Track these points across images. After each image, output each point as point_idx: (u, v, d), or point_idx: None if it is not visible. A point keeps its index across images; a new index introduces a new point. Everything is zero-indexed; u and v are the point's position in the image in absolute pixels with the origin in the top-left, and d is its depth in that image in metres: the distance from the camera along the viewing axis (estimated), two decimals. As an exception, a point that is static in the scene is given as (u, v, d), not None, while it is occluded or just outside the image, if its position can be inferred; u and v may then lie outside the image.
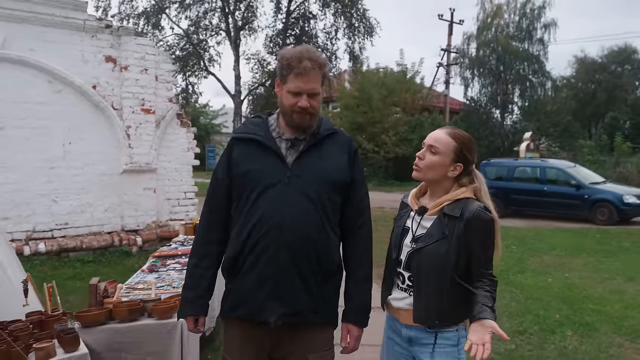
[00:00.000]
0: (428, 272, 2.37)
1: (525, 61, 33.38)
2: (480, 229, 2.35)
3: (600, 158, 26.07)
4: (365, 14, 22.99)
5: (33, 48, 8.37)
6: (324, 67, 2.41)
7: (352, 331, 2.56)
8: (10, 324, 3.13)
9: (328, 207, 2.45)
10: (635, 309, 6.49)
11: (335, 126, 2.61)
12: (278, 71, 2.44)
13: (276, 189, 2.37)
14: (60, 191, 8.69)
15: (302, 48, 2.42)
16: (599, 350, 5.15)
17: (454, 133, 2.49)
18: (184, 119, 10.25)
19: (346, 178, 2.51)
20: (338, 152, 2.52)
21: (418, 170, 2.50)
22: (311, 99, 2.37)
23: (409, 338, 2.47)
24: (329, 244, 2.45)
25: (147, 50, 9.51)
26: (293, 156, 2.43)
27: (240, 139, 2.50)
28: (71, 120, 8.77)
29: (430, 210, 2.47)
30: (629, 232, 12.85)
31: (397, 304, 2.49)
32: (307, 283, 2.39)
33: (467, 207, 2.39)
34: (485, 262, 2.37)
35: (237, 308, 2.42)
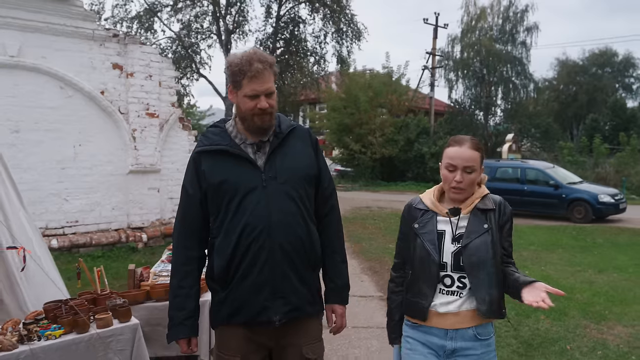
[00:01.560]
0: (480, 265, 2.41)
1: (508, 63, 33.96)
2: (510, 216, 2.52)
3: (580, 159, 26.88)
4: (353, 19, 23.57)
5: (45, 56, 8.87)
6: (274, 66, 2.45)
7: (337, 310, 2.69)
8: (69, 301, 3.71)
9: (306, 201, 2.53)
10: (601, 297, 7.19)
11: (292, 121, 2.67)
12: (230, 78, 2.45)
13: (256, 194, 2.41)
14: (70, 190, 9.22)
15: (249, 51, 2.44)
16: (567, 332, 5.81)
17: (475, 145, 2.51)
18: (186, 123, 10.82)
19: (315, 170, 2.59)
20: (302, 146, 2.59)
21: (461, 192, 2.50)
22: (268, 98, 2.41)
23: (453, 350, 2.47)
24: (312, 237, 2.53)
25: (151, 58, 10.06)
26: (262, 159, 2.47)
27: (205, 151, 2.51)
28: (81, 123, 9.29)
29: (464, 210, 2.50)
30: (603, 230, 13.58)
31: (445, 308, 2.47)
32: (302, 278, 2.48)
33: (494, 200, 2.54)
34: (509, 251, 2.52)
35: (237, 314, 2.46)
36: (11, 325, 3.34)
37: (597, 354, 5.16)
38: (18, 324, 3.36)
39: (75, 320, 3.34)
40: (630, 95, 50.47)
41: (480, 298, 2.41)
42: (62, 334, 3.27)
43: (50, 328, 3.29)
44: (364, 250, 10.41)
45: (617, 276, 8.49)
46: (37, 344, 3.15)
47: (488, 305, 2.40)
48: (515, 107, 33.89)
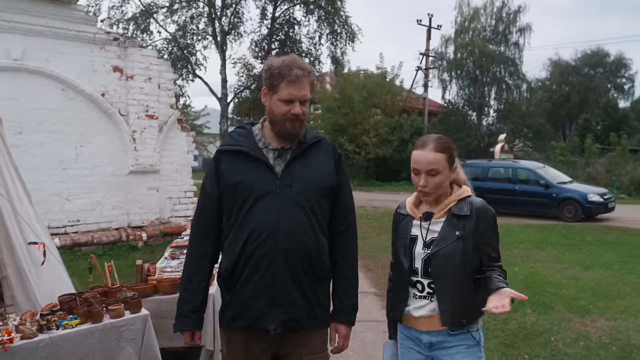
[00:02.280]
0: (448, 273, 2.39)
1: (502, 64, 34.28)
2: (490, 222, 2.44)
3: (572, 159, 27.15)
4: (347, 21, 23.91)
5: (48, 59, 9.09)
6: (310, 74, 2.48)
7: (340, 330, 2.65)
8: (81, 293, 3.96)
9: (318, 214, 2.50)
10: (587, 292, 7.47)
11: (318, 134, 2.67)
12: (267, 81, 2.46)
13: (268, 199, 2.41)
14: (72, 190, 9.44)
15: (290, 57, 2.46)
16: (552, 325, 6.08)
17: (438, 146, 2.46)
18: (184, 124, 11.06)
19: (334, 184, 2.57)
20: (324, 159, 2.58)
21: (428, 195, 2.50)
22: (302, 105, 2.43)
23: (430, 343, 2.48)
24: (321, 250, 2.51)
25: (150, 61, 10.29)
26: (281, 165, 2.47)
27: (227, 151, 2.54)
28: (82, 125, 9.51)
29: (437, 214, 2.49)
30: (591, 228, 13.87)
31: (418, 312, 2.50)
32: (303, 290, 2.45)
33: (473, 204, 2.46)
34: (494, 256, 2.45)
35: (237, 319, 2.49)
36: (29, 317, 3.58)
37: (579, 345, 5.43)
38: (35, 315, 3.61)
39: (90, 311, 3.59)
40: (622, 96, 50.89)
41: (443, 308, 2.41)
42: (78, 323, 3.52)
43: (67, 318, 3.54)
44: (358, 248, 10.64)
45: (602, 273, 8.77)
46: (56, 332, 3.40)
47: (449, 316, 2.40)
48: (508, 108, 34.19)
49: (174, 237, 9.74)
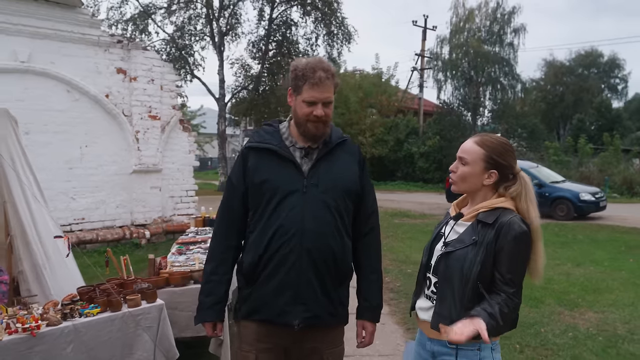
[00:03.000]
0: (451, 277, 2.29)
1: (496, 64, 34.41)
2: (511, 240, 2.19)
3: (565, 158, 27.42)
4: (343, 22, 24.08)
5: (54, 61, 9.35)
6: (335, 77, 2.48)
7: (367, 327, 2.69)
8: (100, 285, 4.22)
9: (344, 214, 2.53)
10: (576, 287, 7.75)
11: (343, 134, 2.69)
12: (292, 82, 2.48)
13: (294, 198, 2.43)
14: (77, 189, 9.68)
15: (315, 59, 2.47)
16: (542, 317, 6.36)
17: (481, 140, 2.39)
18: (185, 125, 11.33)
19: (357, 186, 2.59)
20: (349, 160, 2.60)
21: (454, 183, 2.46)
22: (325, 107, 2.44)
23: (432, 352, 2.41)
24: (345, 250, 2.53)
25: (153, 63, 10.56)
26: (308, 165, 2.50)
27: (254, 147, 2.55)
28: (87, 125, 9.77)
29: (465, 216, 2.40)
30: (583, 227, 14.18)
31: (422, 315, 2.44)
32: (326, 288, 2.48)
33: (502, 216, 2.26)
34: (509, 279, 2.20)
35: (257, 312, 2.50)
36: (51, 306, 3.84)
37: (568, 335, 5.72)
38: (57, 305, 3.86)
39: (109, 301, 3.86)
40: (616, 96, 51.20)
41: (438, 310, 2.32)
42: (98, 312, 3.78)
43: (89, 307, 3.80)
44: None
45: (593, 269, 9.05)
46: (79, 320, 3.66)
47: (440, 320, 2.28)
48: (503, 108, 34.40)
49: (176, 235, 10.02)
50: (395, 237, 12.25)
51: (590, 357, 5.12)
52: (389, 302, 7.00)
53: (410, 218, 16.49)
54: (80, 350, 3.61)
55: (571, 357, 5.12)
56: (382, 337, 5.58)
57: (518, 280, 2.24)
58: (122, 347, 3.85)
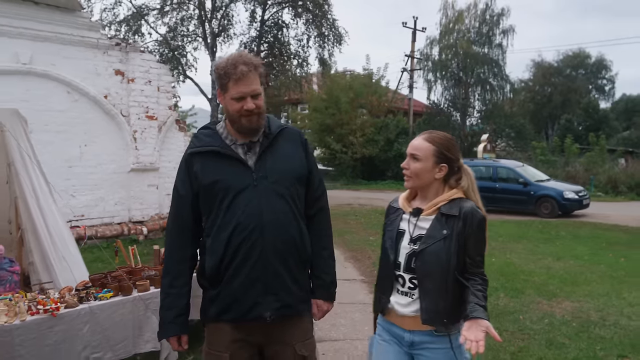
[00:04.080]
0: (433, 272, 2.40)
1: (485, 65, 34.91)
2: (476, 226, 2.40)
3: (552, 158, 27.92)
4: (334, 24, 24.33)
5: (54, 63, 9.65)
6: (259, 68, 2.46)
7: (321, 306, 2.73)
8: (111, 272, 4.57)
9: (297, 200, 2.55)
10: (556, 279, 8.16)
11: (282, 122, 2.69)
12: (217, 82, 2.48)
13: (247, 193, 2.43)
14: (77, 187, 9.99)
15: (235, 54, 2.47)
16: (522, 306, 6.76)
17: (430, 137, 2.53)
18: (181, 124, 11.67)
19: (305, 170, 2.62)
20: (293, 147, 2.62)
21: (407, 179, 2.56)
22: (255, 99, 2.43)
23: (412, 342, 2.50)
24: (304, 236, 2.56)
25: (150, 65, 10.90)
26: (253, 159, 2.50)
27: (197, 152, 2.53)
28: (86, 125, 10.08)
29: (426, 211, 2.50)
30: (566, 224, 14.63)
31: (403, 310, 2.50)
32: (293, 276, 2.50)
33: (462, 206, 2.44)
34: (479, 261, 2.42)
35: (227, 311, 2.47)
36: (67, 291, 4.19)
37: (544, 322, 6.12)
38: (71, 290, 4.21)
39: (121, 286, 4.22)
40: (603, 97, 51.89)
41: (424, 306, 2.42)
42: (111, 296, 4.14)
43: (102, 291, 4.16)
44: (346, 242, 11.34)
45: (573, 263, 9.47)
46: (94, 303, 4.03)
47: (431, 314, 2.41)
48: (491, 108, 34.84)
49: (172, 232, 10.35)
50: (385, 234, 12.61)
51: (563, 340, 5.53)
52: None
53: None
54: (95, 330, 3.98)
55: (546, 340, 5.52)
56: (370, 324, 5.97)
57: (484, 258, 2.46)
58: (133, 328, 4.22)
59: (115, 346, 4.11)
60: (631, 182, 23.86)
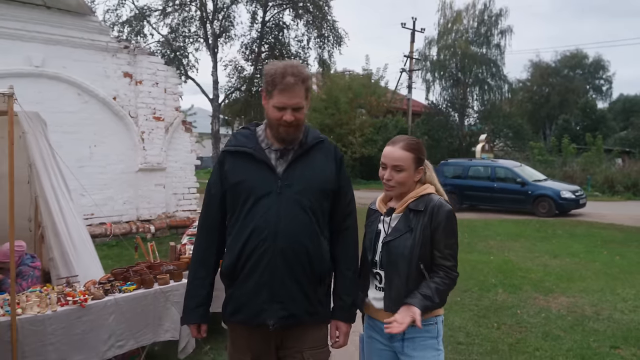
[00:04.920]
0: (396, 262, 2.52)
1: (484, 65, 34.99)
2: (443, 218, 2.50)
3: (549, 158, 28.14)
4: (334, 25, 24.69)
5: (65, 66, 9.92)
6: (307, 81, 2.47)
7: (341, 328, 2.65)
8: (132, 267, 4.84)
9: (319, 214, 2.52)
10: (552, 276, 8.45)
11: (321, 135, 2.68)
12: (264, 86, 2.50)
13: (269, 199, 2.44)
14: (87, 187, 10.22)
15: (286, 64, 2.46)
16: (519, 301, 7.05)
17: (407, 146, 2.61)
18: (188, 125, 11.94)
19: (334, 185, 2.58)
20: (325, 161, 2.60)
21: (391, 189, 2.64)
22: (295, 112, 2.42)
23: (391, 336, 2.56)
24: (321, 249, 2.52)
25: (158, 67, 11.19)
26: (283, 166, 2.49)
27: (230, 151, 2.56)
28: (96, 126, 10.35)
29: (397, 210, 2.62)
30: (563, 222, 14.93)
31: (378, 304, 2.61)
32: (302, 287, 2.47)
33: (430, 201, 2.55)
34: (447, 254, 2.50)
35: (237, 313, 2.52)
36: (91, 284, 4.46)
37: (541, 316, 6.40)
38: (95, 284, 4.49)
39: (143, 279, 4.49)
40: (600, 97, 52.17)
41: (387, 294, 2.55)
42: (134, 288, 4.41)
43: (126, 284, 4.43)
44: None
45: (569, 260, 9.75)
46: (118, 295, 4.30)
47: (392, 301, 2.52)
48: (489, 108, 34.99)
49: (179, 230, 10.67)
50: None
51: (559, 333, 5.81)
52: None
53: (399, 215, 17.17)
54: (120, 320, 4.26)
55: (542, 333, 5.80)
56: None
57: (455, 254, 2.54)
58: (154, 318, 4.50)
59: (137, 334, 4.38)
60: (628, 182, 24.13)
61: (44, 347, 3.87)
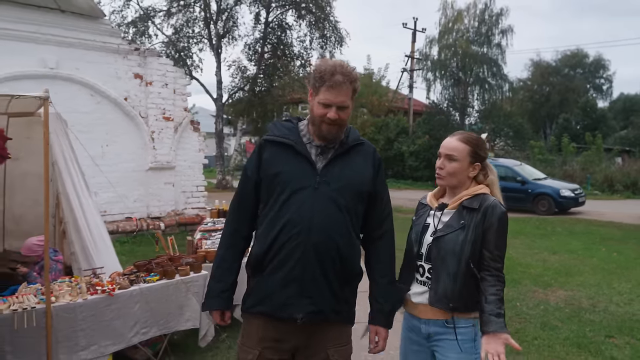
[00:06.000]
0: (446, 258, 2.50)
1: (484, 64, 35.11)
2: (496, 220, 2.49)
3: (549, 157, 28.43)
4: (336, 26, 24.93)
5: (78, 67, 10.20)
6: (355, 82, 2.47)
7: (380, 333, 2.64)
8: (154, 259, 5.14)
9: (353, 215, 2.51)
10: (551, 271, 8.74)
11: (361, 137, 2.67)
12: (311, 82, 2.49)
13: (305, 193, 2.43)
14: (100, 185, 10.54)
15: (336, 62, 2.49)
16: (519, 294, 7.34)
17: (465, 138, 2.63)
18: (196, 125, 12.23)
19: (371, 188, 2.57)
20: (364, 163, 2.59)
21: (441, 178, 2.65)
22: (340, 111, 2.42)
23: (428, 334, 2.59)
24: (353, 249, 2.52)
25: (167, 69, 11.49)
26: (322, 163, 2.49)
27: (272, 141, 2.54)
28: (108, 126, 10.63)
29: (450, 206, 2.62)
30: (562, 220, 15.22)
31: (417, 299, 2.62)
32: (331, 284, 2.45)
33: (485, 200, 2.54)
34: (497, 255, 2.48)
35: (261, 303, 2.47)
36: (116, 276, 4.76)
37: (539, 308, 6.70)
38: (120, 275, 4.78)
39: (165, 270, 4.79)
40: (601, 96, 52.22)
41: (434, 288, 2.54)
42: (157, 279, 4.71)
43: (149, 275, 4.73)
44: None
45: (567, 256, 10.05)
46: (143, 285, 4.59)
47: (439, 297, 2.52)
48: (490, 108, 35.19)
49: (188, 227, 10.96)
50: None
51: (556, 323, 6.11)
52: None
53: (402, 213, 17.37)
54: (145, 308, 4.55)
55: (540, 323, 6.10)
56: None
57: (503, 255, 2.53)
58: (176, 307, 4.80)
59: (161, 322, 4.67)
60: (627, 181, 24.41)
61: (75, 333, 4.16)
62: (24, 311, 3.92)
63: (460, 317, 2.51)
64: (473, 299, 2.47)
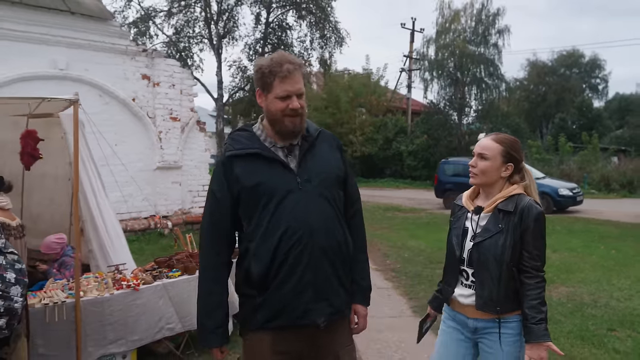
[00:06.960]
0: (487, 263, 2.54)
1: (481, 64, 35.12)
2: (532, 220, 2.50)
3: (547, 157, 28.53)
4: (336, 26, 25.17)
5: (87, 68, 10.36)
6: (302, 67, 2.43)
7: (360, 311, 2.63)
8: (173, 256, 5.32)
9: (339, 203, 2.50)
10: (552, 268, 8.91)
11: (316, 125, 2.61)
12: (259, 82, 2.40)
13: (293, 197, 2.35)
14: (108, 184, 10.70)
15: (278, 54, 2.40)
16: (522, 290, 7.54)
17: (498, 138, 2.66)
18: (202, 126, 12.42)
19: (343, 172, 2.56)
20: (330, 149, 2.57)
21: (474, 177, 2.68)
22: (300, 99, 2.37)
23: (476, 328, 2.66)
24: (347, 239, 2.50)
25: (174, 70, 11.66)
26: (294, 162, 2.43)
27: (237, 155, 2.42)
28: (116, 126, 10.74)
29: (486, 209, 2.64)
30: (561, 219, 15.36)
31: (465, 300, 2.67)
32: (341, 280, 2.46)
33: (520, 201, 2.55)
34: (536, 255, 2.50)
35: (277, 318, 2.37)
36: (138, 272, 4.94)
37: (542, 303, 6.89)
38: (142, 271, 4.96)
39: (186, 266, 4.98)
40: (596, 96, 52.35)
41: (479, 292, 2.58)
42: (179, 275, 4.89)
43: (172, 270, 4.92)
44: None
45: (567, 254, 10.24)
46: (166, 280, 4.78)
47: (486, 301, 2.57)
48: (487, 107, 35.32)
49: (194, 226, 11.13)
50: (390, 228, 13.51)
51: (560, 317, 6.31)
52: (392, 279, 8.22)
53: (402, 212, 17.67)
54: (168, 303, 4.74)
55: (544, 318, 6.30)
56: (389, 304, 6.82)
57: (543, 254, 2.55)
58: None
59: (184, 319, 4.85)
60: (623, 180, 24.57)
61: (103, 327, 4.33)
62: (54, 305, 4.10)
63: (507, 316, 2.59)
64: (518, 298, 2.53)
